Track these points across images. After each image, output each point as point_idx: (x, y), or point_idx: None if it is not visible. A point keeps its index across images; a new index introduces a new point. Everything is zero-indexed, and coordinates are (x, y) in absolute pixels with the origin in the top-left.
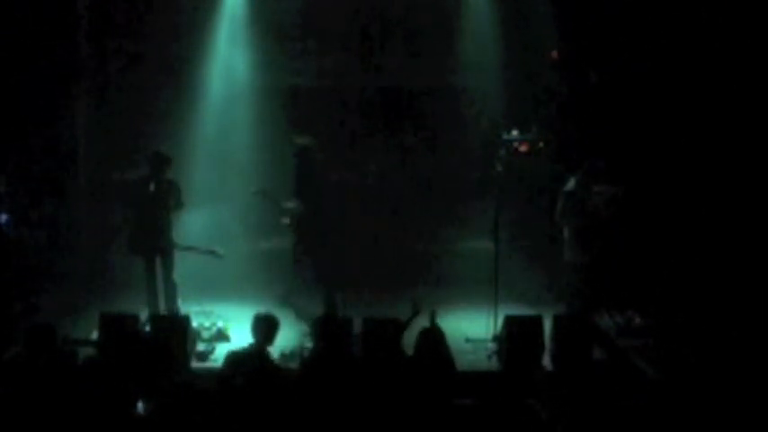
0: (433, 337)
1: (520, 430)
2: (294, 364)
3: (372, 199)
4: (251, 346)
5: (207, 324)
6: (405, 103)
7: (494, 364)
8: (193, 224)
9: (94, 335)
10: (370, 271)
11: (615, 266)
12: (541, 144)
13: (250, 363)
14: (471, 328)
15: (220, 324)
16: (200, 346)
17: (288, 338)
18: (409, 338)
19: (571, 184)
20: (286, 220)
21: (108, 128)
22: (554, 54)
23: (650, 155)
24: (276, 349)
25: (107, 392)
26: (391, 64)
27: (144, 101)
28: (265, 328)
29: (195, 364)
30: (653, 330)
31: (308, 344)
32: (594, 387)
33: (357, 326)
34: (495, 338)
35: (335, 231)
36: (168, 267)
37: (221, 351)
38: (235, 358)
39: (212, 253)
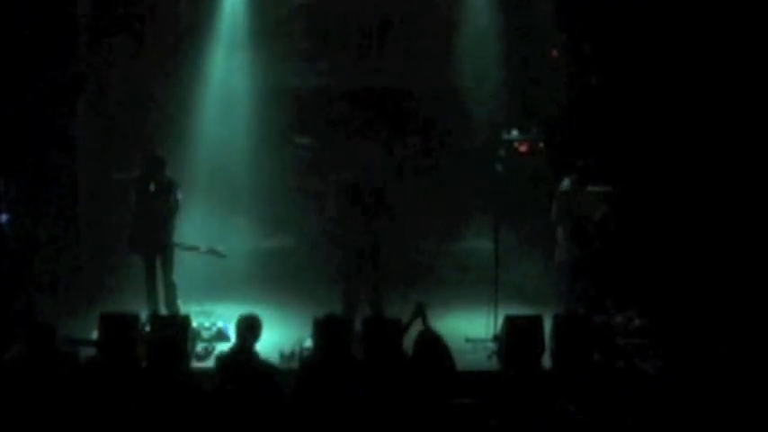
0: (431, 338)
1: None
2: (294, 364)
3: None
4: (232, 347)
5: (207, 324)
6: (404, 103)
7: (494, 364)
8: (194, 223)
9: (94, 335)
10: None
11: (612, 266)
12: (541, 144)
13: (236, 363)
14: (471, 328)
15: (220, 324)
16: (201, 346)
17: (288, 338)
18: (410, 339)
19: (565, 184)
20: None
21: (108, 128)
22: (554, 54)
23: (648, 155)
24: (275, 349)
25: (107, 392)
26: (391, 64)
27: (144, 100)
28: (243, 328)
29: (195, 364)
30: (653, 330)
31: (308, 344)
32: (594, 387)
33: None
34: (495, 338)
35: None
36: (167, 267)
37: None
38: (223, 361)
39: (215, 252)
